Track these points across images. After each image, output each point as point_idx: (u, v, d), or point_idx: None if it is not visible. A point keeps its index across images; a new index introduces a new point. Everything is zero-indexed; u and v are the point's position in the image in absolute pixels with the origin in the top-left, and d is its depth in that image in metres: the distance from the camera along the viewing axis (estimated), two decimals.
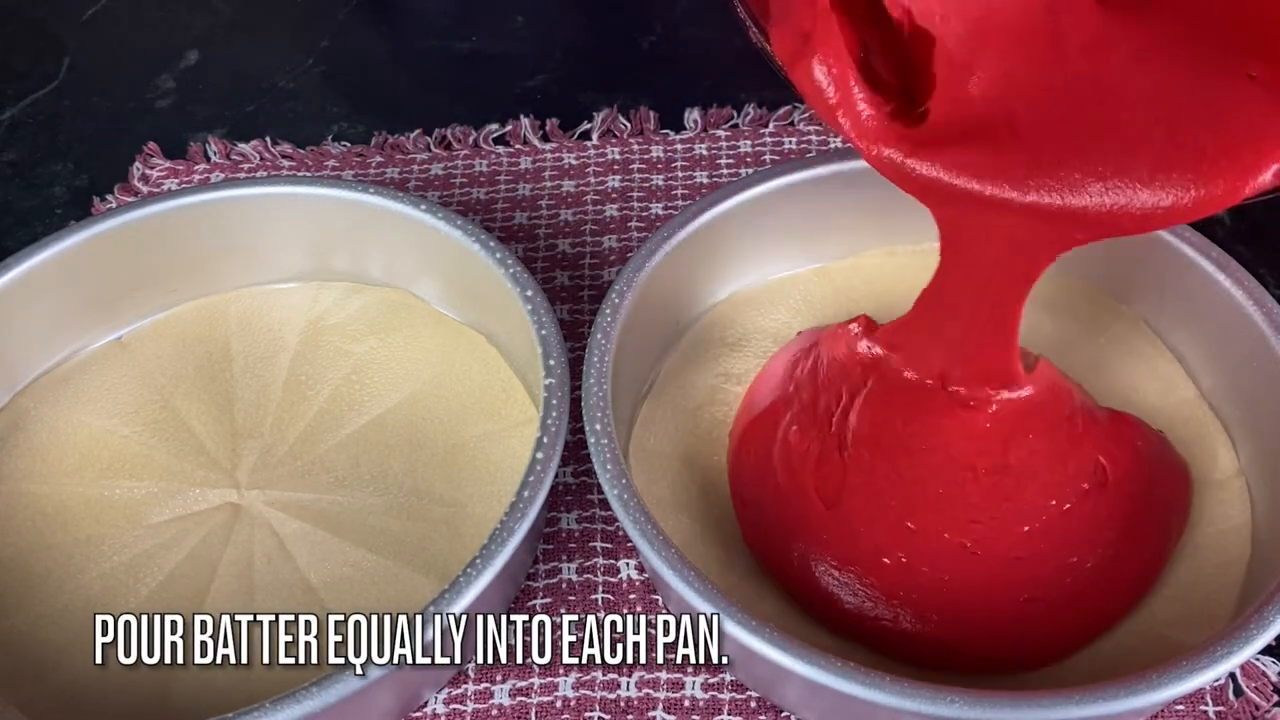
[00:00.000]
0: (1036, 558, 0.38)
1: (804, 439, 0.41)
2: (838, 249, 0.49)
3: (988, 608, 0.38)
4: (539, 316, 0.41)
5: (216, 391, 0.46)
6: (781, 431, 0.42)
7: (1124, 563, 0.39)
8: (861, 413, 0.40)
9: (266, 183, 0.47)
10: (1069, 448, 0.40)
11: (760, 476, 0.42)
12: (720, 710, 0.38)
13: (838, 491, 0.40)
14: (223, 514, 0.43)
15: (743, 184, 0.45)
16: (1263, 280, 0.42)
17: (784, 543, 0.40)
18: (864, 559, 0.39)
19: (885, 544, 0.39)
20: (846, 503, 0.40)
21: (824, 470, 0.41)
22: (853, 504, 0.40)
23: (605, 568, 0.42)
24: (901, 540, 0.39)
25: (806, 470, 0.41)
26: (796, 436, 0.42)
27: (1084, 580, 0.38)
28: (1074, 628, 0.38)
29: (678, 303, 0.46)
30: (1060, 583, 0.38)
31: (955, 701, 0.31)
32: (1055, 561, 0.39)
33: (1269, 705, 0.38)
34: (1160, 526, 0.40)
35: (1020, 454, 0.39)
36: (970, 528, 0.39)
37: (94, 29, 0.70)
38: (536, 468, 0.37)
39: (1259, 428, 0.41)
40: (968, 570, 0.38)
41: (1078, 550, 0.39)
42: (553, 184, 0.57)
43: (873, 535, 0.39)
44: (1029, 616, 0.38)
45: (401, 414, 0.45)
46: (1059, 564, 0.39)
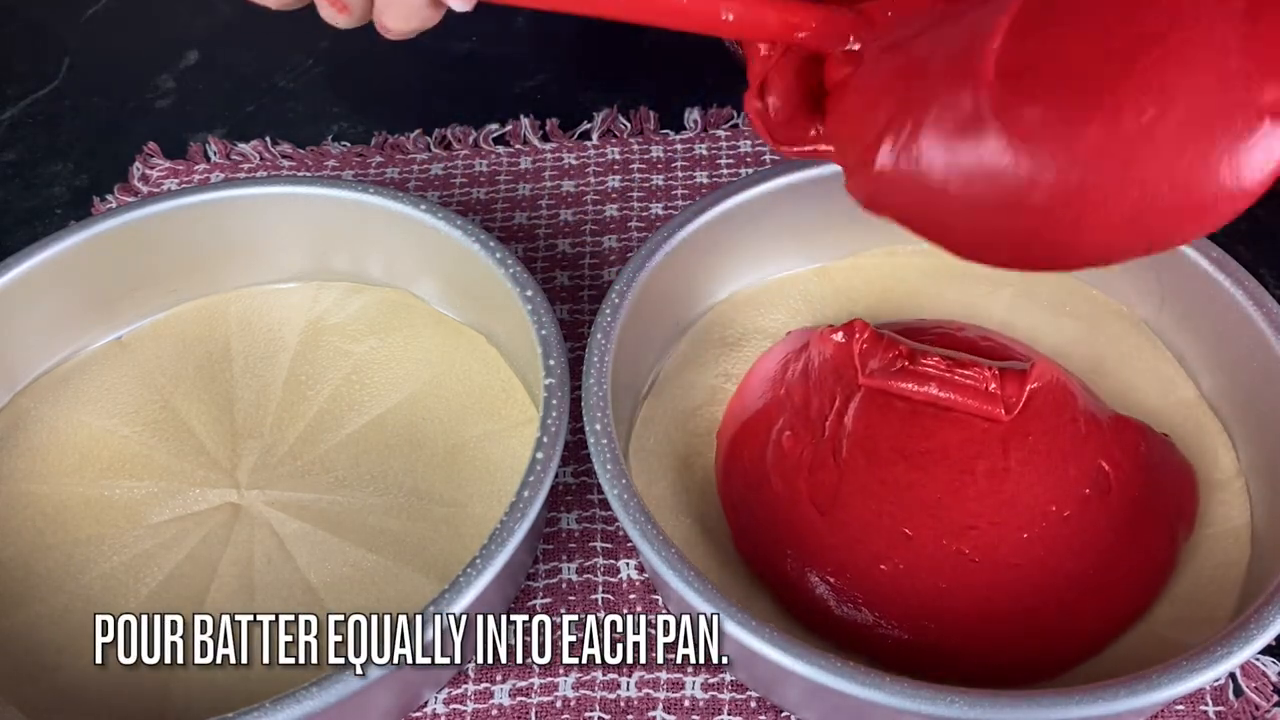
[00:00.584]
0: (1036, 564, 0.38)
1: (797, 444, 0.41)
2: (838, 249, 0.49)
3: (986, 617, 0.37)
4: (539, 316, 0.41)
5: (216, 391, 0.46)
6: (774, 436, 0.42)
7: (1127, 571, 0.39)
8: (856, 416, 0.40)
9: (266, 183, 0.47)
10: (1071, 451, 0.39)
11: (752, 481, 0.41)
12: (720, 710, 0.38)
13: (832, 497, 0.39)
14: (223, 514, 0.43)
15: (743, 184, 0.45)
16: (1263, 280, 0.42)
17: (777, 549, 0.40)
18: (860, 566, 0.38)
19: (881, 550, 0.38)
20: (841, 509, 0.39)
21: (818, 476, 0.40)
22: (848, 510, 0.39)
23: (605, 568, 0.42)
24: (898, 547, 0.38)
25: (800, 476, 0.40)
26: (790, 441, 0.41)
27: (1085, 588, 0.38)
28: (1076, 637, 0.38)
29: (678, 303, 0.46)
30: (1061, 590, 0.38)
31: (955, 702, 0.31)
32: (1055, 569, 0.38)
33: (1269, 705, 0.38)
34: (1165, 533, 0.40)
35: (1020, 456, 0.39)
36: (968, 533, 0.38)
37: (94, 29, 0.70)
38: (536, 468, 0.37)
39: (1259, 428, 0.41)
40: (966, 578, 0.38)
41: (1079, 557, 0.38)
42: (553, 184, 0.57)
43: (868, 542, 0.39)
44: (1029, 626, 0.37)
45: (401, 414, 0.45)
46: (1059, 571, 0.38)
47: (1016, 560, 0.38)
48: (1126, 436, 0.41)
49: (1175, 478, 0.41)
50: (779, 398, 0.43)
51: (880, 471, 0.39)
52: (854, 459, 0.40)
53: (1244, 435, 0.42)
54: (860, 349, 0.41)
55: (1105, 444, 0.40)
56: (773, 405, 0.43)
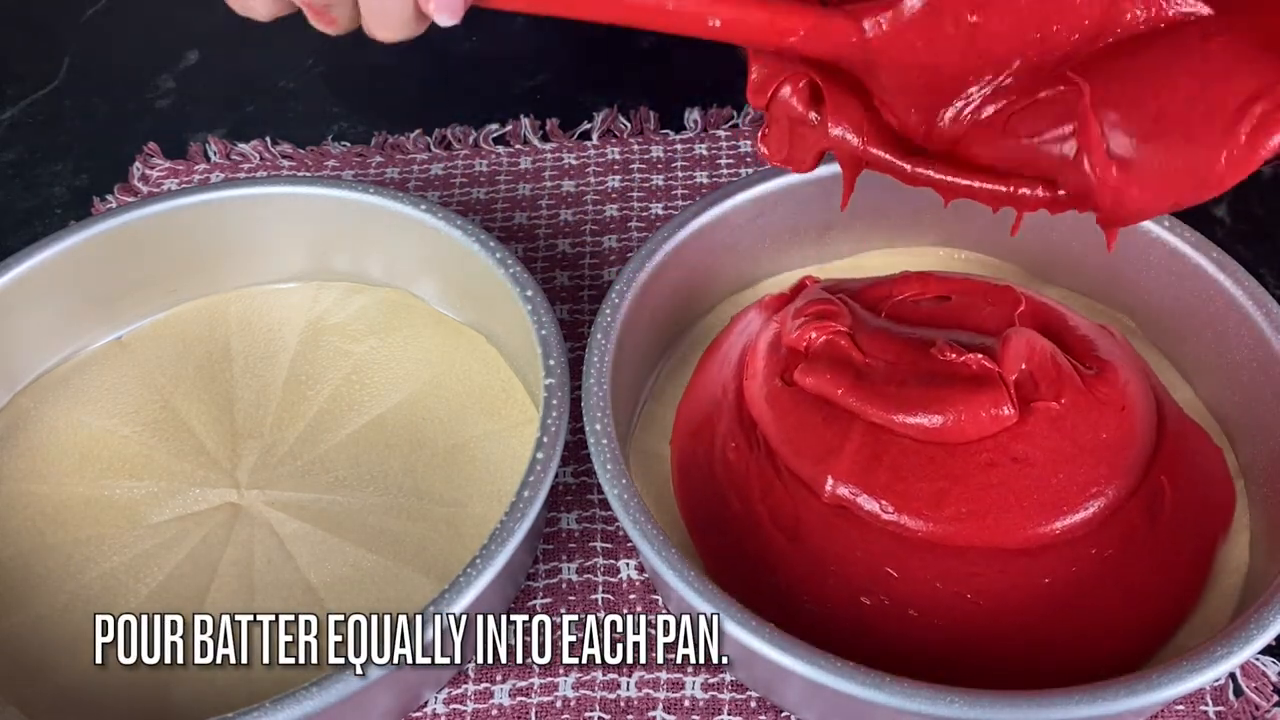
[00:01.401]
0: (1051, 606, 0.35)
1: (741, 456, 0.38)
2: (838, 249, 0.49)
3: (988, 657, 0.35)
4: (539, 316, 0.41)
5: (216, 391, 0.46)
6: (719, 447, 0.39)
7: (1151, 618, 0.36)
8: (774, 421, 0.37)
9: (266, 183, 0.47)
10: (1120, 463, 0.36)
11: (710, 501, 0.39)
12: (720, 710, 0.38)
13: (794, 522, 0.37)
14: (223, 514, 0.43)
15: (743, 184, 0.45)
16: (1263, 280, 0.42)
17: (754, 578, 0.37)
18: (841, 599, 0.36)
19: (862, 586, 0.36)
20: (808, 536, 0.37)
21: (772, 498, 0.38)
22: (817, 539, 0.37)
23: (605, 568, 0.42)
24: (880, 584, 0.36)
25: (754, 496, 0.38)
26: (735, 454, 0.39)
27: (1113, 633, 0.35)
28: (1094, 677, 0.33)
29: (677, 303, 0.46)
30: (1086, 642, 0.35)
31: (955, 702, 0.31)
32: (1077, 611, 0.35)
33: (1269, 705, 0.38)
34: (1201, 564, 0.37)
35: (1045, 453, 0.36)
36: (972, 579, 0.35)
37: (94, 29, 0.70)
38: (536, 468, 0.37)
39: (1258, 430, 0.41)
40: (969, 624, 0.35)
41: (1107, 598, 0.35)
42: (553, 184, 0.57)
43: (846, 574, 0.36)
44: (1042, 669, 0.35)
45: (401, 414, 0.45)
46: (1083, 613, 0.35)
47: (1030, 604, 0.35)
48: (1186, 445, 0.37)
49: (1221, 499, 0.38)
50: (716, 398, 0.40)
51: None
52: (797, 486, 0.38)
53: (1243, 437, 0.42)
54: (793, 336, 0.39)
55: (1167, 458, 0.37)
56: (713, 409, 0.40)
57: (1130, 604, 0.36)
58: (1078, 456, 0.37)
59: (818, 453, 0.38)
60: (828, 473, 0.37)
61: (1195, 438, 0.40)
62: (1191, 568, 0.38)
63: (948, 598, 0.36)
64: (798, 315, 0.40)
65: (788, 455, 0.38)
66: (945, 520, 0.36)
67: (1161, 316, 0.45)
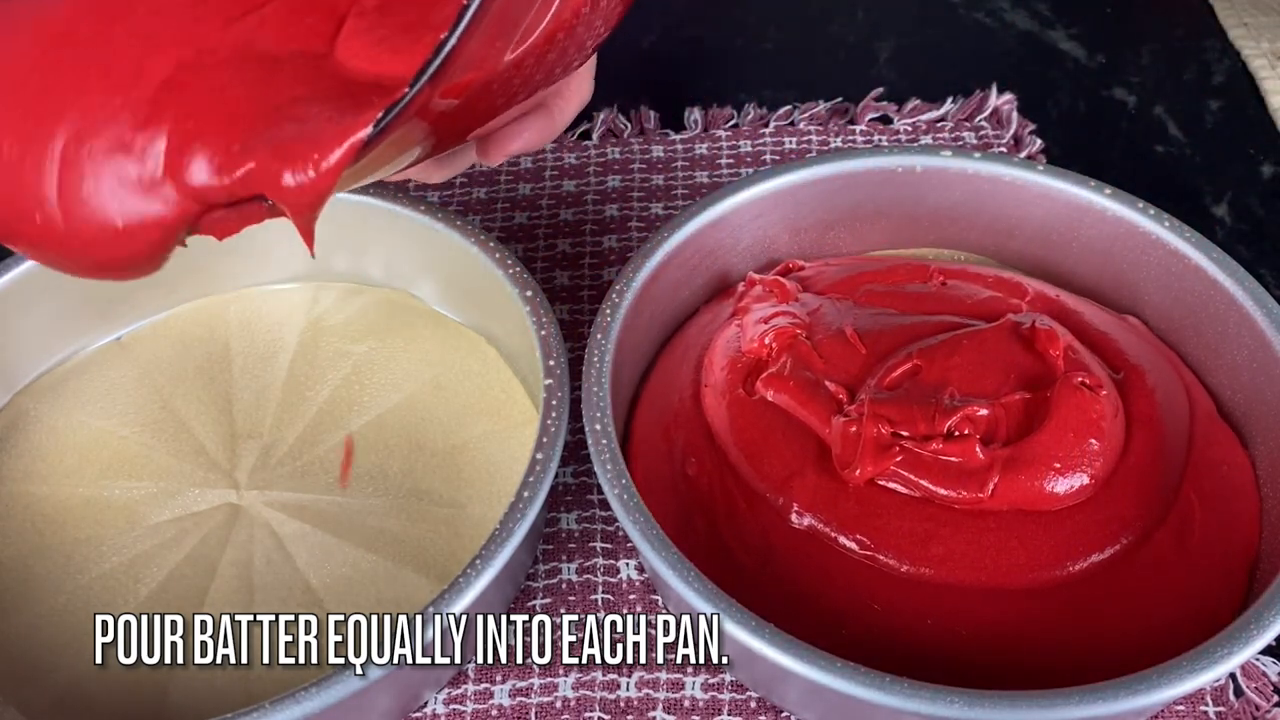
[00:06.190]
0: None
1: (703, 471, 0.37)
2: (838, 249, 0.49)
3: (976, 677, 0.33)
4: (539, 316, 0.41)
5: (216, 392, 0.46)
6: (678, 460, 0.38)
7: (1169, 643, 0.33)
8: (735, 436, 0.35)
9: None
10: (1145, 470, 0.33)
11: (674, 520, 0.37)
12: (720, 710, 0.38)
13: (764, 547, 0.36)
14: (222, 514, 0.43)
15: (743, 184, 0.45)
16: (1263, 280, 0.42)
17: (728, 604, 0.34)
18: (824, 627, 0.34)
19: (842, 618, 0.34)
20: (777, 565, 0.35)
21: (737, 520, 0.36)
22: (787, 568, 0.35)
23: (605, 568, 0.42)
24: (863, 617, 0.34)
25: (719, 517, 0.37)
26: (696, 468, 0.37)
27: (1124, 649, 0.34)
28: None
29: (678, 302, 0.46)
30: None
31: (955, 701, 0.31)
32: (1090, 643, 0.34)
33: (1269, 705, 0.38)
34: (1233, 590, 0.35)
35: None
36: (968, 616, 0.34)
37: None
38: (536, 468, 0.37)
39: (1259, 429, 0.41)
40: (963, 660, 0.34)
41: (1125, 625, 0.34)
42: (553, 184, 0.57)
43: (823, 605, 0.35)
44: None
45: (401, 414, 0.45)
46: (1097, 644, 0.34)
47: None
48: (1219, 455, 0.35)
49: (1248, 514, 0.36)
50: (674, 406, 0.39)
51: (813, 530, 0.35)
52: (762, 508, 0.36)
53: (1243, 437, 0.42)
54: (753, 342, 0.37)
55: (1195, 471, 0.35)
56: (671, 420, 0.39)
57: (1153, 638, 0.34)
58: (1097, 493, 0.35)
59: (780, 475, 0.36)
60: (793, 500, 0.35)
61: (1225, 445, 0.37)
62: (1222, 595, 0.35)
63: (940, 634, 0.34)
64: (760, 320, 0.39)
65: (749, 475, 0.37)
66: (933, 561, 0.35)
67: (1161, 316, 0.45)
